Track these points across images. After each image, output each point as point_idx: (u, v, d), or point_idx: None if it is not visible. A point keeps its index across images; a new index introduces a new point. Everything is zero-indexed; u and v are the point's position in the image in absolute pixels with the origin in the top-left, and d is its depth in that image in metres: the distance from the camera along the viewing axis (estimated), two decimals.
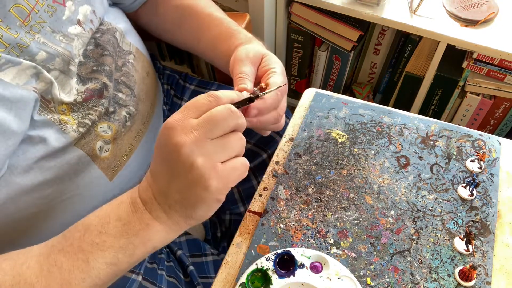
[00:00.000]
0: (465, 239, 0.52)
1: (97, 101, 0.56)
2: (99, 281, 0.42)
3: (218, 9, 0.68)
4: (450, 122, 1.12)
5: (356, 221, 0.56)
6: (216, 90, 0.80)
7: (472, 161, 0.60)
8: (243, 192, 0.76)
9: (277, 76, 0.52)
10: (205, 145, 0.40)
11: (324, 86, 1.38)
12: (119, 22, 0.64)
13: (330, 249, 0.53)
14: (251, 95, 0.47)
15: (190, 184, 0.40)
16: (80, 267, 0.41)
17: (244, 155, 0.43)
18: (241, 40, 0.59)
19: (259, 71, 0.54)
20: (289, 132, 0.66)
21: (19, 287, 0.40)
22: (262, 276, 0.50)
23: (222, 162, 0.41)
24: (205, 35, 0.65)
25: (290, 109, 0.83)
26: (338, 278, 0.50)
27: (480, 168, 0.60)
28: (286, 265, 0.51)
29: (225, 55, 0.61)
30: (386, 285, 0.51)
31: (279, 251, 0.52)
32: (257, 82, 0.54)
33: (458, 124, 0.67)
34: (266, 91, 0.50)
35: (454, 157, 0.62)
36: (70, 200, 0.55)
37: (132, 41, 0.66)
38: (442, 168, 0.61)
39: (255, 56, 0.54)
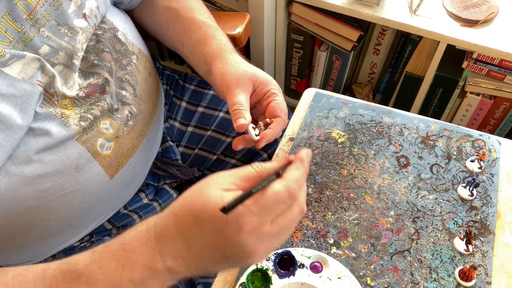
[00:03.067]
0: (465, 239, 0.52)
1: (100, 97, 0.56)
2: None
3: (203, 11, 0.68)
4: (450, 122, 1.12)
5: (356, 221, 0.56)
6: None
7: (472, 161, 0.60)
8: None
9: (278, 97, 0.54)
10: (273, 245, 0.39)
11: (324, 86, 1.38)
12: (121, 23, 0.64)
13: (330, 249, 0.53)
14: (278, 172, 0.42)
15: (236, 263, 0.40)
16: None
17: (244, 155, 0.43)
18: (213, 52, 0.61)
19: (258, 94, 0.56)
20: (289, 132, 0.66)
21: None
22: (262, 276, 0.50)
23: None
24: (186, 39, 0.66)
25: (290, 109, 0.83)
26: (338, 278, 0.50)
27: (480, 168, 0.60)
28: (286, 265, 0.51)
29: (203, 64, 0.62)
30: (386, 285, 0.51)
31: (279, 251, 0.52)
32: (257, 103, 0.57)
33: (458, 124, 0.67)
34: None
35: (454, 157, 0.62)
36: (70, 195, 0.56)
37: (135, 41, 0.66)
38: (442, 168, 0.61)
39: (245, 82, 0.55)
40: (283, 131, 0.68)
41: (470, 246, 0.52)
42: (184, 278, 0.41)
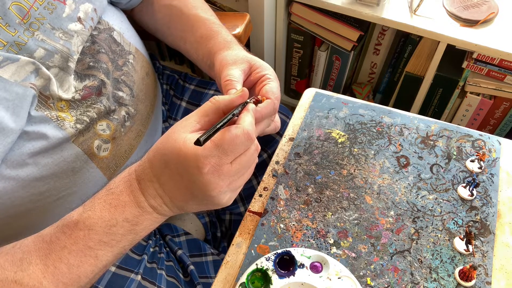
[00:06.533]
0: (465, 239, 0.52)
1: (96, 99, 0.56)
2: (105, 268, 0.45)
3: (206, 9, 0.68)
4: (450, 122, 1.12)
5: (356, 221, 0.56)
6: (216, 90, 0.81)
7: (472, 161, 0.60)
8: (243, 192, 0.76)
9: (272, 82, 0.53)
10: (235, 184, 0.44)
11: (324, 86, 1.38)
12: (117, 22, 0.64)
13: (330, 249, 0.53)
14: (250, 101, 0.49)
15: (204, 200, 0.44)
16: (89, 262, 0.43)
17: None
18: (219, 45, 0.60)
19: (252, 77, 0.55)
20: (289, 132, 0.66)
21: (24, 282, 0.40)
22: (262, 276, 0.50)
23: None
24: (189, 36, 0.66)
25: (290, 109, 0.83)
26: (338, 278, 0.50)
27: (480, 168, 0.60)
28: (286, 265, 0.51)
29: (206, 58, 0.62)
30: (386, 285, 0.51)
31: (279, 251, 0.52)
32: (251, 89, 0.55)
33: (458, 124, 0.67)
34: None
35: (454, 157, 0.62)
36: (67, 197, 0.55)
37: (132, 41, 0.66)
38: (442, 168, 0.61)
39: (242, 63, 0.55)
40: (283, 130, 0.68)
41: (470, 246, 0.52)
42: (170, 215, 0.47)
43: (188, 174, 0.41)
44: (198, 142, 0.39)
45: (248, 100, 0.48)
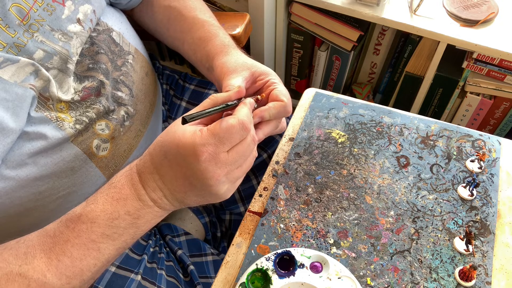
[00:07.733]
0: (465, 239, 0.52)
1: (95, 99, 0.56)
2: (108, 263, 0.45)
3: (205, 10, 0.68)
4: (450, 122, 1.12)
5: (356, 221, 0.56)
6: (216, 91, 0.81)
7: (472, 161, 0.60)
8: (243, 192, 0.76)
9: (280, 86, 0.54)
10: (233, 174, 0.45)
11: (324, 86, 1.38)
12: (117, 23, 0.64)
13: (330, 249, 0.53)
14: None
15: (208, 198, 0.45)
16: (92, 255, 0.43)
17: None
18: (217, 48, 0.60)
19: (257, 85, 0.55)
20: (289, 132, 0.66)
21: (29, 275, 0.41)
22: (262, 276, 0.50)
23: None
24: (188, 38, 0.66)
25: None
26: (338, 278, 0.50)
27: (480, 168, 0.60)
28: (286, 265, 0.51)
29: (205, 61, 0.62)
30: (386, 285, 0.51)
31: (279, 251, 0.52)
32: (255, 95, 0.55)
33: (458, 124, 0.67)
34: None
35: (454, 157, 0.62)
36: (67, 197, 0.56)
37: (131, 41, 0.66)
38: (442, 168, 0.61)
39: (243, 70, 0.55)
40: (283, 131, 0.68)
41: (470, 246, 0.52)
42: (171, 209, 0.47)
43: (186, 163, 0.42)
44: (184, 121, 0.41)
45: (251, 99, 0.49)
